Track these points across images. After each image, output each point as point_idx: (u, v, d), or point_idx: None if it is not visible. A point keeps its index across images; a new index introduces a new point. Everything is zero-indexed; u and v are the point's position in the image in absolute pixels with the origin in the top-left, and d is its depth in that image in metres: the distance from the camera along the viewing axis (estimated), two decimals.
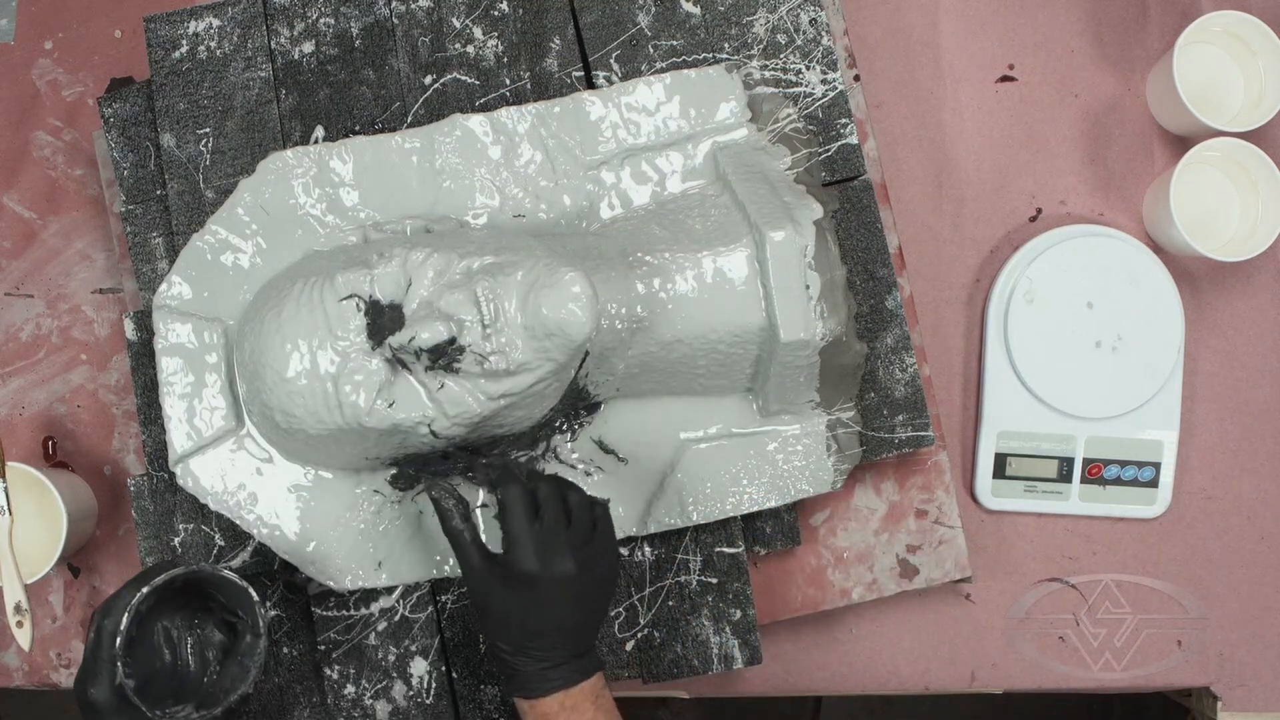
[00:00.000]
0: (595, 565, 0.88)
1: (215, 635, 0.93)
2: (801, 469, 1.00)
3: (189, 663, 0.92)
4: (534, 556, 0.86)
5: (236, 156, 1.02)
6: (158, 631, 0.92)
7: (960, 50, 1.18)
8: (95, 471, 1.13)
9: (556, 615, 0.86)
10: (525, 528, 0.87)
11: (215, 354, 0.96)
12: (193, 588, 0.91)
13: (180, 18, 1.04)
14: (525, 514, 0.87)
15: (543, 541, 0.86)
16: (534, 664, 0.87)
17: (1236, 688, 1.13)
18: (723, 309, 0.94)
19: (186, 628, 0.93)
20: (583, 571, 0.87)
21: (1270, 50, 1.11)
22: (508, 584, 0.87)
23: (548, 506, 0.88)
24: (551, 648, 0.87)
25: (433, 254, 0.90)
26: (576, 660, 0.87)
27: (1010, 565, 1.13)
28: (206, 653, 0.93)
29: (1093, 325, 1.11)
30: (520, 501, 0.87)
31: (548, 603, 0.86)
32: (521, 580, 0.86)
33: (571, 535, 0.87)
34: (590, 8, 1.04)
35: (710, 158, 1.01)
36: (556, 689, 0.86)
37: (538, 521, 0.87)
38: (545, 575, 0.86)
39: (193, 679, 0.92)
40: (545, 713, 0.87)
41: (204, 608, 0.93)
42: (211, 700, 0.89)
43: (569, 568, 0.86)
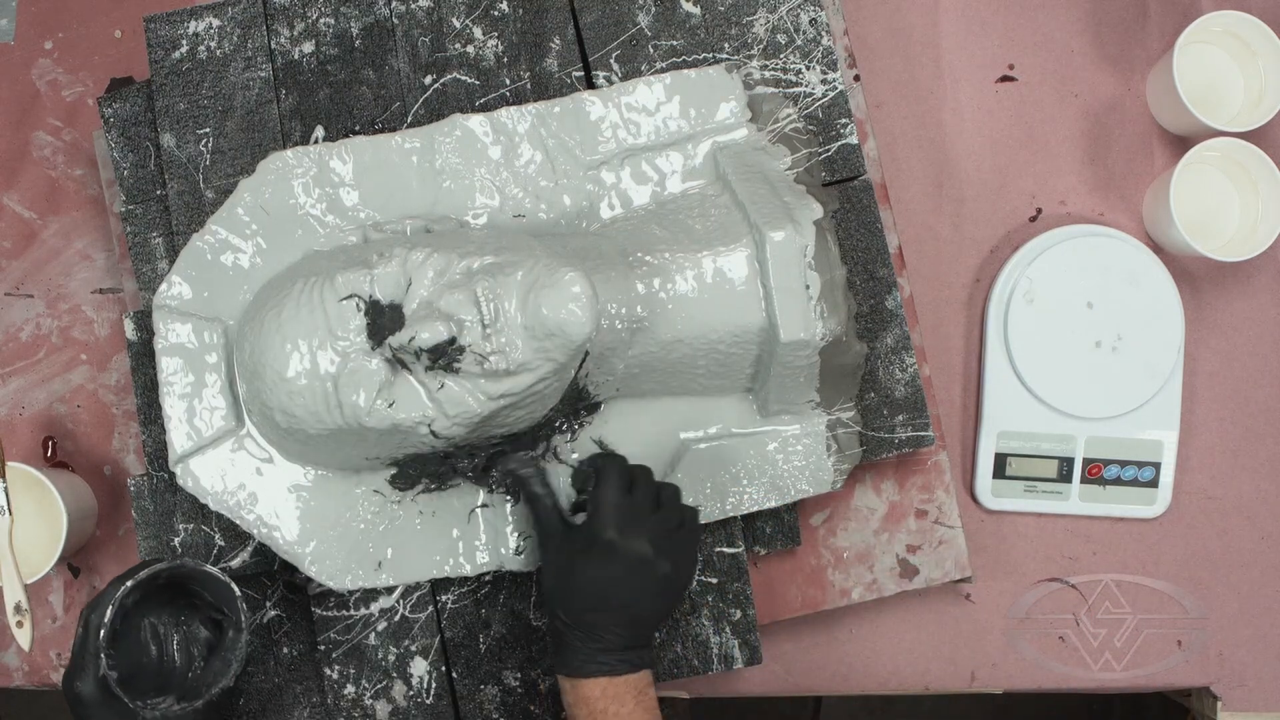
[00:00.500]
0: (673, 560, 0.89)
1: (201, 632, 0.94)
2: (801, 469, 1.00)
3: (174, 657, 0.94)
4: (616, 526, 0.87)
5: (236, 156, 1.02)
6: (144, 627, 0.93)
7: (960, 50, 1.18)
8: (95, 471, 1.13)
9: (621, 595, 0.87)
10: (615, 498, 0.88)
11: (215, 354, 0.96)
12: (179, 585, 0.92)
13: (180, 18, 1.04)
14: (619, 486, 0.89)
15: (629, 515, 0.88)
16: (587, 641, 0.87)
17: (1236, 688, 1.13)
18: (723, 309, 0.94)
19: (173, 624, 0.94)
20: (658, 558, 0.87)
21: (1270, 50, 1.11)
22: (583, 550, 0.88)
23: (641, 487, 0.90)
24: (608, 628, 0.87)
25: (433, 254, 0.90)
26: (629, 651, 0.88)
27: (1010, 565, 1.13)
28: (192, 648, 0.94)
29: (1093, 325, 1.11)
30: (616, 474, 0.90)
31: (616, 579, 0.87)
32: (598, 548, 0.87)
33: (656, 521, 0.89)
34: (590, 8, 1.04)
35: (710, 158, 1.01)
36: (603, 673, 0.87)
37: (629, 496, 0.89)
38: (622, 548, 0.87)
39: (177, 673, 0.93)
40: (587, 696, 0.87)
41: (190, 605, 0.94)
42: (194, 693, 0.90)
43: (646, 549, 0.87)
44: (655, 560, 0.87)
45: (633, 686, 0.87)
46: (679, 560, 0.90)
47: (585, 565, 0.88)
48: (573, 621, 0.87)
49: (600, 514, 0.89)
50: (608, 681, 0.87)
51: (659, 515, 0.89)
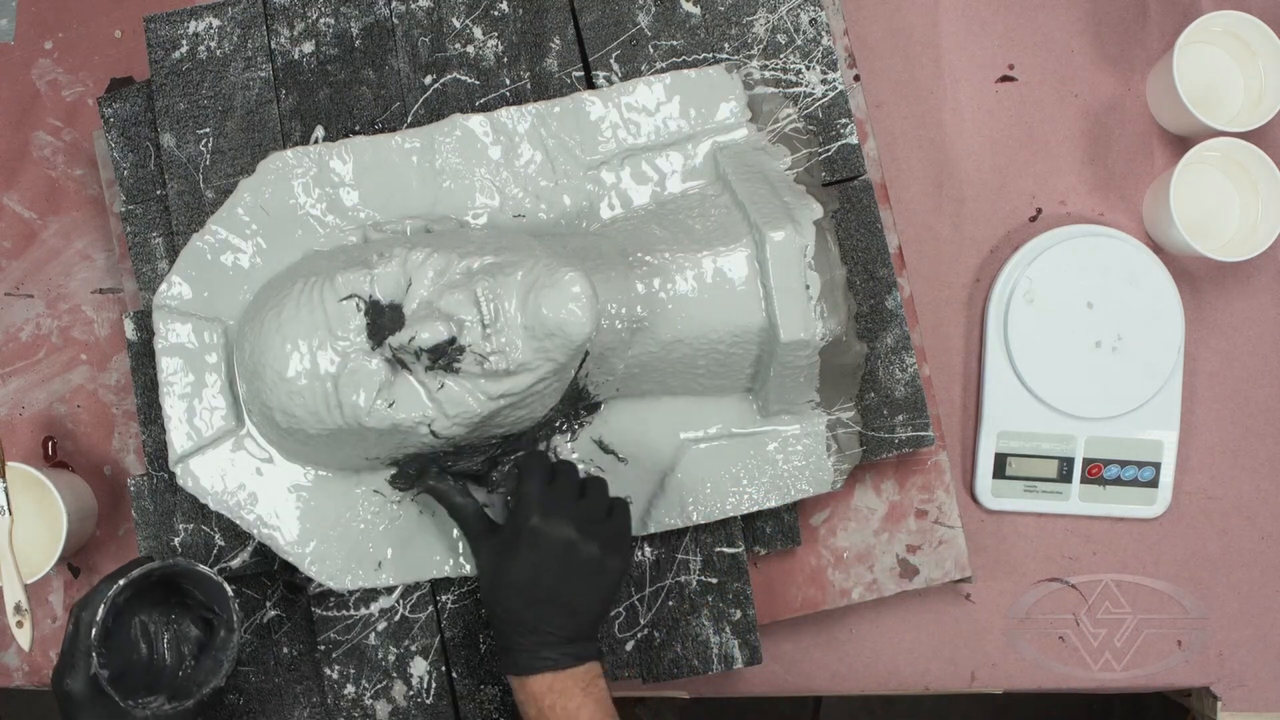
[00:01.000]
0: (601, 543, 0.89)
1: (192, 630, 0.95)
2: (801, 469, 1.00)
3: (165, 656, 0.94)
4: (539, 513, 0.88)
5: (236, 156, 1.02)
6: (135, 625, 0.93)
7: (960, 50, 1.18)
8: (95, 471, 1.13)
9: (551, 582, 0.87)
10: (537, 488, 0.89)
11: (215, 354, 0.96)
12: (171, 583, 0.93)
13: (180, 18, 1.04)
14: (540, 477, 0.90)
15: (550, 502, 0.88)
16: (528, 637, 0.87)
17: (1236, 688, 1.13)
18: (723, 309, 0.94)
19: (164, 622, 0.94)
20: (584, 541, 0.88)
21: (1270, 50, 1.11)
22: (510, 543, 0.88)
23: (563, 477, 0.90)
24: (545, 619, 0.87)
25: (433, 254, 0.90)
26: (571, 645, 0.88)
27: (1010, 565, 1.13)
28: (183, 647, 0.95)
29: (1093, 325, 1.11)
30: (537, 466, 0.90)
31: (543, 566, 0.87)
32: (523, 537, 0.88)
33: (581, 508, 0.89)
34: (590, 8, 1.04)
35: (710, 158, 1.01)
36: (547, 668, 0.87)
37: (550, 487, 0.89)
38: (545, 534, 0.87)
39: (168, 672, 0.94)
40: (534, 693, 0.87)
41: (182, 603, 0.94)
42: (184, 693, 0.90)
43: (570, 533, 0.87)
44: (580, 543, 0.88)
45: (579, 680, 0.87)
46: (608, 544, 0.89)
47: (513, 556, 0.88)
48: (510, 617, 0.88)
49: (522, 504, 0.89)
50: (553, 677, 0.87)
51: (584, 502, 0.90)
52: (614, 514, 0.91)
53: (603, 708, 0.88)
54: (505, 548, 0.89)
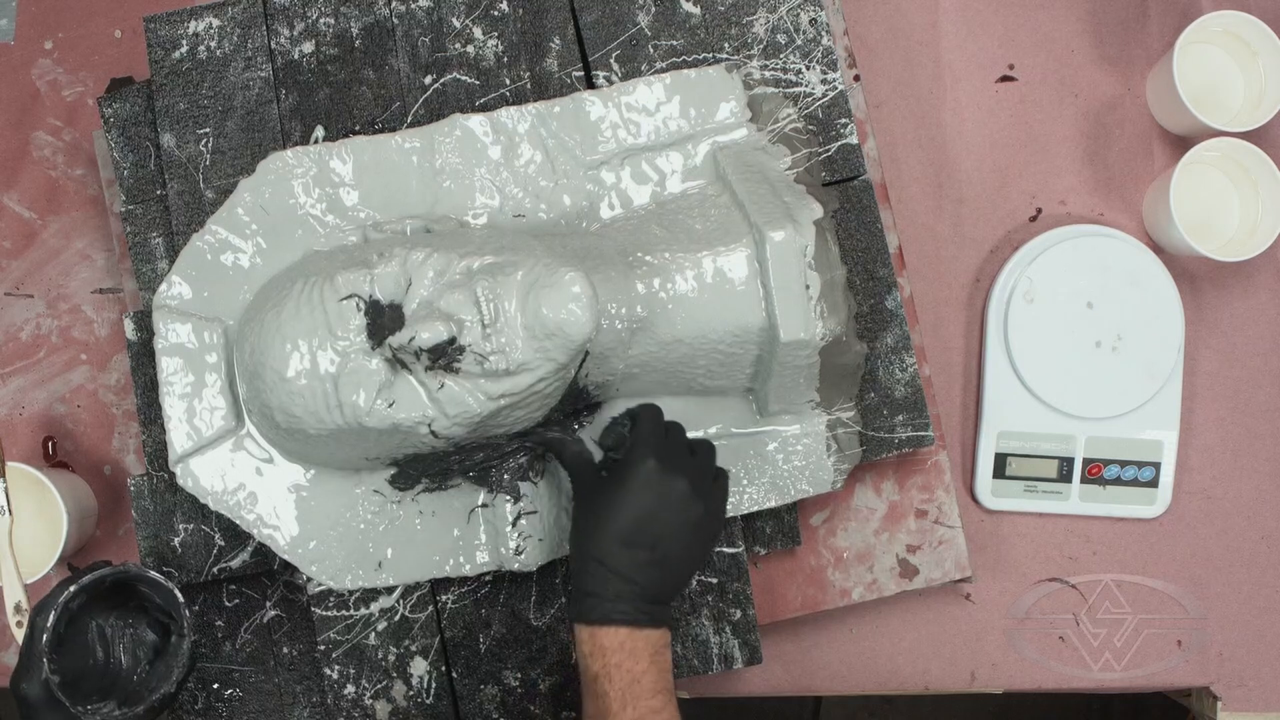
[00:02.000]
0: (707, 505, 0.87)
1: (148, 635, 0.95)
2: (801, 469, 1.00)
3: (120, 661, 0.94)
4: (656, 457, 0.86)
5: (236, 156, 1.02)
6: (91, 630, 0.93)
7: (960, 50, 1.18)
8: (95, 471, 1.13)
9: (656, 528, 0.85)
10: (657, 433, 0.88)
11: (215, 354, 0.96)
12: (128, 588, 0.93)
13: (180, 18, 1.04)
14: (657, 427, 0.88)
15: (668, 451, 0.87)
16: (614, 584, 0.85)
17: (1236, 688, 1.13)
18: (723, 309, 0.94)
19: (120, 627, 0.94)
20: (695, 497, 0.86)
21: (1270, 50, 1.11)
22: (619, 481, 0.86)
23: (676, 432, 0.90)
24: (636, 568, 0.85)
25: (433, 254, 0.90)
26: (652, 605, 0.86)
27: (1010, 565, 1.13)
28: (138, 651, 0.95)
29: (1093, 325, 1.11)
30: (655, 415, 0.89)
31: (651, 511, 0.85)
32: (637, 476, 0.86)
33: (695, 464, 0.88)
34: (590, 8, 1.04)
35: (710, 158, 1.01)
36: (623, 622, 0.85)
37: (667, 437, 0.88)
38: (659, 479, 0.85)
39: (123, 677, 0.94)
40: (604, 646, 0.85)
41: (139, 607, 0.95)
42: (135, 698, 0.91)
43: (684, 484, 0.86)
44: (691, 499, 0.86)
45: (651, 644, 0.85)
46: (713, 509, 0.88)
47: (622, 493, 0.86)
48: (605, 559, 0.85)
49: (640, 446, 0.87)
50: (627, 633, 0.85)
51: (696, 459, 0.89)
52: (719, 480, 0.90)
53: (664, 679, 0.85)
54: (617, 485, 0.86)
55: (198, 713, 1.00)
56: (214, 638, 1.03)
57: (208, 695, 1.00)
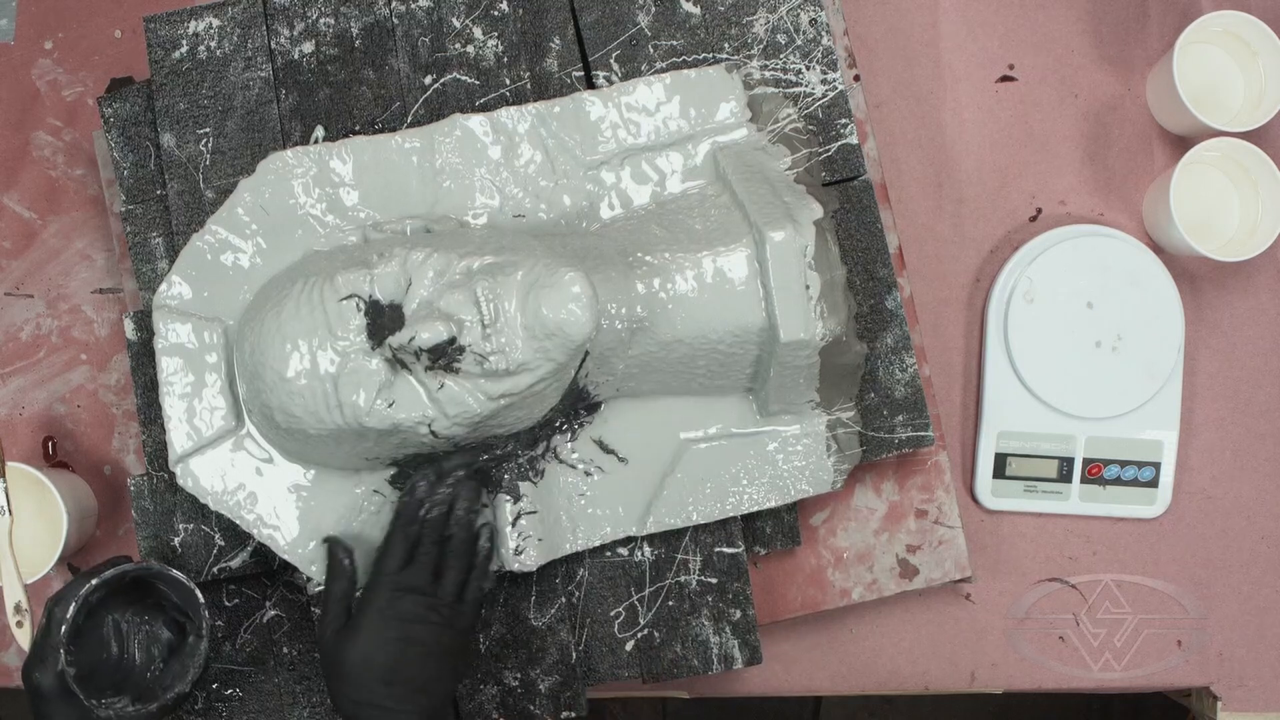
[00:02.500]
0: (448, 628, 0.88)
1: (163, 633, 0.95)
2: (801, 469, 1.00)
3: (134, 657, 0.94)
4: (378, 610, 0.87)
5: (236, 156, 1.02)
6: (107, 624, 0.94)
7: (960, 50, 1.18)
8: (95, 471, 1.13)
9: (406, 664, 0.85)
10: (389, 565, 0.89)
11: (215, 354, 0.96)
12: (146, 584, 0.93)
13: (180, 18, 1.04)
14: (398, 555, 0.89)
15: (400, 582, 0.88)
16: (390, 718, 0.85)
17: (1236, 688, 1.13)
18: (723, 309, 0.94)
19: (137, 622, 0.95)
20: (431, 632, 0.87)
21: (1270, 50, 1.11)
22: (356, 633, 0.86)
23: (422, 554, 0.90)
24: (404, 702, 0.85)
25: (433, 254, 0.90)
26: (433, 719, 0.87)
27: (1010, 565, 1.13)
28: (153, 648, 0.95)
29: (1093, 325, 1.11)
30: (397, 542, 0.90)
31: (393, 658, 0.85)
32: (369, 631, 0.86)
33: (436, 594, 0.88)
34: (590, 8, 1.04)
35: (710, 158, 1.01)
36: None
37: (404, 569, 0.89)
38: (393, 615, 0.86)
39: (136, 673, 0.94)
40: None
41: (156, 605, 0.95)
42: (149, 695, 0.91)
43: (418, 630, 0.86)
44: (425, 634, 0.87)
45: None
46: (453, 630, 0.88)
47: (365, 641, 0.86)
48: (370, 701, 0.85)
49: (373, 589, 0.88)
50: None
51: (435, 588, 0.89)
52: (464, 596, 0.90)
53: None
54: (359, 635, 0.87)
55: (198, 713, 1.00)
56: (214, 638, 1.03)
57: (208, 695, 1.00)
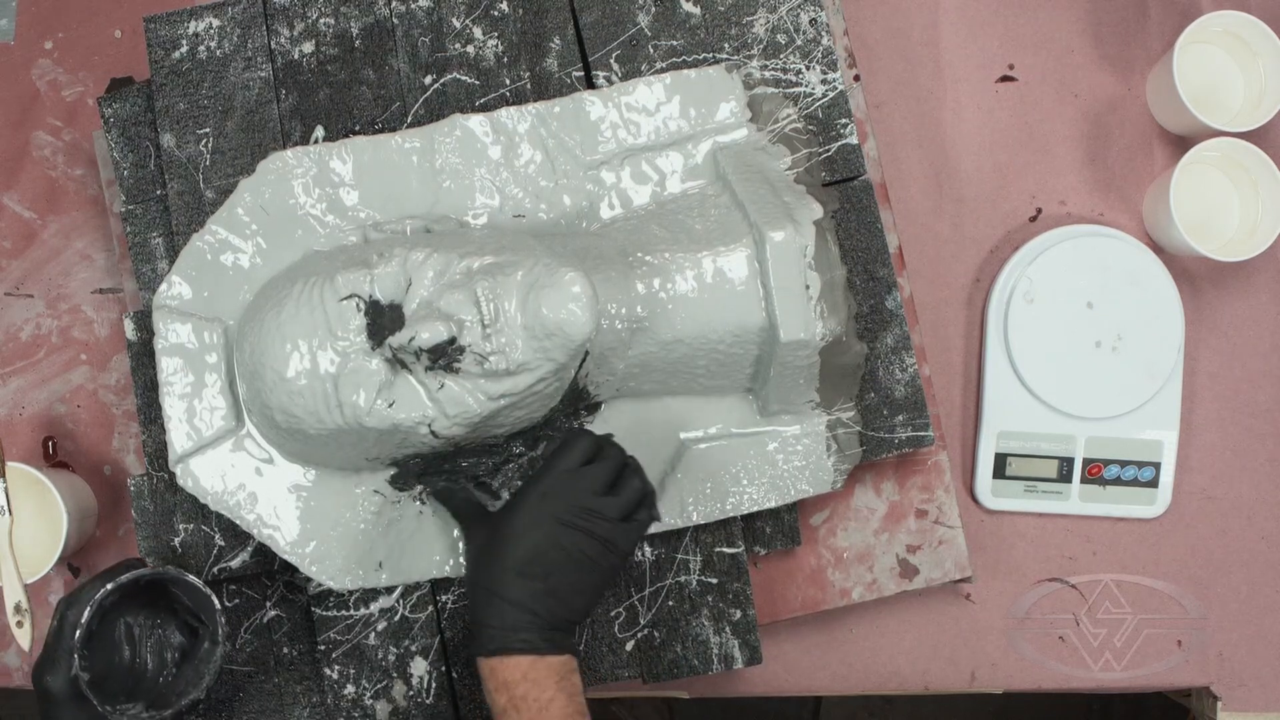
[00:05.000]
0: (601, 546, 0.86)
1: (176, 637, 0.95)
2: (801, 469, 1.00)
3: (147, 661, 0.94)
4: (544, 492, 0.86)
5: (236, 156, 1.02)
6: (119, 627, 0.93)
7: (960, 50, 1.18)
8: (95, 471, 1.13)
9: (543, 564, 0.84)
10: (566, 464, 0.87)
11: (215, 354, 0.96)
12: (158, 587, 0.92)
13: (180, 18, 1.04)
14: (576, 457, 0.88)
15: (568, 484, 0.86)
16: (506, 613, 0.84)
17: (1236, 688, 1.13)
18: (723, 309, 0.94)
19: (149, 626, 0.94)
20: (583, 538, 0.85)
21: (1270, 50, 1.11)
22: (508, 514, 0.86)
23: (600, 466, 0.88)
24: (528, 598, 0.84)
25: (433, 254, 0.90)
26: (550, 632, 0.84)
27: (1010, 565, 1.13)
28: (165, 653, 0.94)
29: (1093, 325, 1.11)
30: (578, 446, 0.88)
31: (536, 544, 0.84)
32: (525, 508, 0.85)
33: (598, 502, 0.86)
34: (590, 8, 1.04)
35: (710, 158, 1.01)
36: (522, 651, 0.83)
37: (579, 470, 0.87)
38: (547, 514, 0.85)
39: (149, 678, 0.93)
40: (506, 679, 0.83)
41: (168, 608, 0.94)
42: (163, 701, 0.90)
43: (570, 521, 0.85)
44: (582, 536, 0.85)
45: (555, 671, 0.83)
46: (615, 547, 0.87)
47: (511, 525, 0.85)
48: (494, 587, 0.84)
49: (543, 475, 0.87)
50: (529, 663, 0.83)
51: (606, 499, 0.87)
52: (633, 519, 0.88)
53: (575, 703, 0.84)
54: (507, 518, 0.86)
55: (198, 713, 1.00)
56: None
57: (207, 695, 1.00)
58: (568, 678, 0.84)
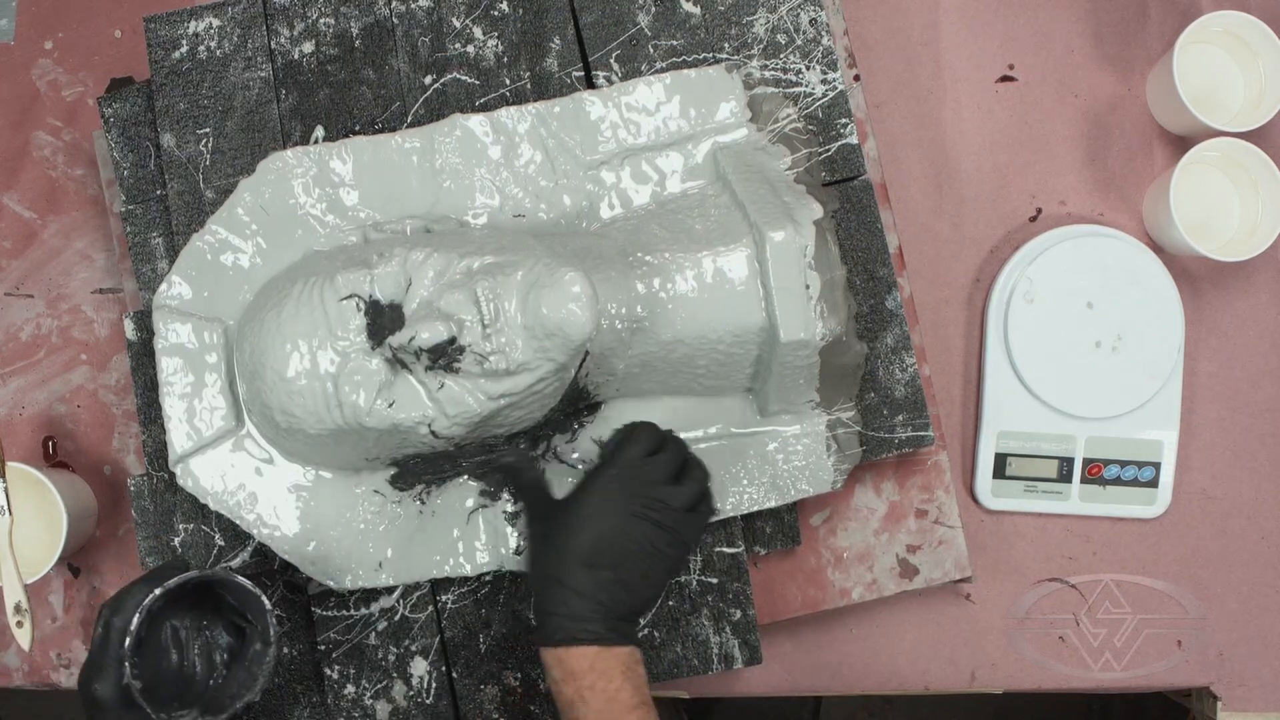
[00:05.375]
0: (668, 536, 0.86)
1: (223, 638, 0.92)
2: (801, 469, 1.00)
3: (195, 665, 0.91)
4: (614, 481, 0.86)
5: (236, 156, 1.02)
6: (165, 631, 0.90)
7: (960, 50, 1.18)
8: (95, 471, 1.13)
9: (610, 553, 0.84)
10: (634, 454, 0.88)
11: (215, 354, 0.96)
12: (203, 588, 0.90)
13: (180, 18, 1.04)
14: (642, 447, 0.88)
15: (639, 475, 0.87)
16: (573, 602, 0.83)
17: (1236, 688, 1.13)
18: (723, 309, 0.94)
19: (194, 629, 0.91)
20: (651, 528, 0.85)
21: (1270, 50, 1.11)
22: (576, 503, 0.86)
23: (665, 455, 0.88)
24: (594, 588, 0.84)
25: (433, 254, 0.90)
26: (616, 622, 0.84)
27: (1010, 565, 1.13)
28: (213, 655, 0.92)
29: (1093, 325, 1.11)
30: (645, 435, 0.89)
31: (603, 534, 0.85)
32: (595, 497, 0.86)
33: (667, 493, 0.87)
34: (590, 8, 1.04)
35: (710, 158, 1.01)
36: (590, 641, 0.83)
37: (647, 460, 0.88)
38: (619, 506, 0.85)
39: (198, 682, 0.91)
40: (574, 669, 0.83)
41: (213, 609, 0.92)
42: (216, 706, 0.87)
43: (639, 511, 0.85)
44: (650, 526, 0.85)
45: (621, 661, 0.83)
46: (681, 537, 0.87)
47: (579, 514, 0.85)
48: (562, 576, 0.84)
49: (603, 468, 0.87)
50: (596, 653, 0.83)
51: (673, 489, 0.87)
52: (698, 509, 0.89)
53: (641, 693, 0.83)
54: (574, 506, 0.86)
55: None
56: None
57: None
58: (633, 668, 0.84)
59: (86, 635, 1.10)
